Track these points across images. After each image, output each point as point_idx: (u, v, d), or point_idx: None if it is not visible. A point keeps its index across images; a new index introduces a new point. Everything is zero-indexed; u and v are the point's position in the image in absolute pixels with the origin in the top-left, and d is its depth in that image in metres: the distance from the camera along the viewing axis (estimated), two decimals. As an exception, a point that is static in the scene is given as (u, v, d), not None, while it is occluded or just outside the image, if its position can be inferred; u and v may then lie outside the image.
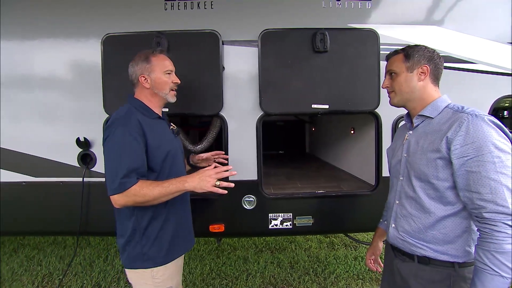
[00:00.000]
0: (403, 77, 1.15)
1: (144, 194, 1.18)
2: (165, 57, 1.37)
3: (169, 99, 1.38)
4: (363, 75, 1.84)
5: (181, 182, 1.21)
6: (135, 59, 1.34)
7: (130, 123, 1.22)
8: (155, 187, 1.20)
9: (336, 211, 1.96)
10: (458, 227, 1.03)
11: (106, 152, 1.24)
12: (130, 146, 1.20)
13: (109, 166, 1.21)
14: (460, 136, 0.97)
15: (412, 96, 1.15)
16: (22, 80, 1.89)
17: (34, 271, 2.97)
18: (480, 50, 1.88)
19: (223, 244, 3.48)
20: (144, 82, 1.32)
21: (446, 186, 1.02)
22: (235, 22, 1.84)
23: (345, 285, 2.64)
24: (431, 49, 1.16)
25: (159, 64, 1.33)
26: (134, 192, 1.17)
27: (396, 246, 1.18)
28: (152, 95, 1.35)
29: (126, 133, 1.20)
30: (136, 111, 1.29)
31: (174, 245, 1.36)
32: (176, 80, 1.38)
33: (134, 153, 1.21)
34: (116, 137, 1.21)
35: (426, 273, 1.08)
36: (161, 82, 1.33)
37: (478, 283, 0.91)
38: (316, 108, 1.82)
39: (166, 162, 1.32)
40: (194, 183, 1.21)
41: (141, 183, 1.19)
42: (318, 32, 1.78)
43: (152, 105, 1.36)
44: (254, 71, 1.83)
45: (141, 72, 1.31)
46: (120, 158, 1.19)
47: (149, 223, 1.29)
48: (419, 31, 1.88)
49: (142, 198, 1.18)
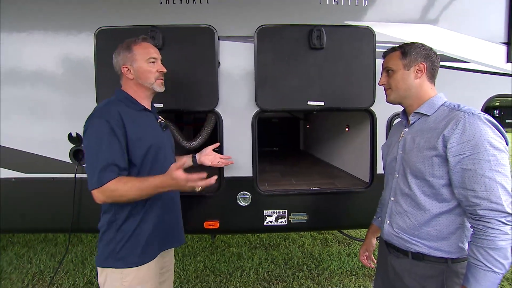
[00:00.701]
0: (400, 74, 1.15)
1: (122, 190, 1.13)
2: (148, 44, 1.30)
3: (156, 89, 1.31)
4: (358, 73, 1.84)
5: (163, 180, 1.14)
6: (117, 49, 1.28)
7: (108, 114, 1.17)
8: (134, 184, 1.14)
9: (330, 207, 1.97)
10: (452, 224, 1.05)
11: (85, 145, 1.19)
12: (108, 138, 1.15)
13: (89, 160, 1.17)
14: (457, 134, 0.98)
15: (408, 93, 1.16)
16: (12, 75, 1.83)
17: (24, 269, 2.92)
18: (473, 49, 1.91)
19: (217, 240, 3.48)
20: (127, 72, 1.27)
21: (442, 183, 1.04)
22: (231, 18, 1.82)
23: (339, 281, 2.67)
24: (428, 47, 1.17)
25: (141, 53, 1.26)
26: (112, 187, 1.12)
27: (391, 242, 1.20)
28: (137, 86, 1.29)
29: (103, 124, 1.15)
30: (119, 103, 1.25)
31: (150, 247, 1.28)
32: (161, 68, 1.31)
33: (112, 146, 1.15)
34: (94, 129, 1.16)
35: (419, 269, 1.10)
36: (144, 71, 1.27)
37: (472, 279, 0.93)
38: (311, 105, 1.82)
39: (148, 156, 1.25)
40: (169, 185, 1.14)
41: (119, 179, 1.14)
42: (314, 28, 1.78)
43: (138, 96, 1.30)
44: (250, 67, 1.81)
45: (123, 62, 1.26)
46: (98, 152, 1.14)
47: (126, 219, 1.23)
48: (413, 30, 1.90)
49: (119, 195, 1.14)
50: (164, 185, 1.15)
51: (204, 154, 1.71)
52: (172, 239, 1.41)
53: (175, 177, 1.11)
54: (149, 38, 1.31)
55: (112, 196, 1.14)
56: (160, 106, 1.76)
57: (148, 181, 1.16)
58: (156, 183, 1.15)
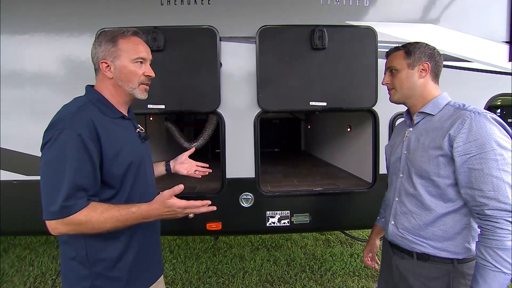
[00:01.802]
0: (404, 73, 1.15)
1: (96, 222, 0.92)
2: (139, 40, 1.07)
3: (136, 95, 1.08)
4: (361, 73, 1.84)
5: (152, 209, 0.97)
6: (99, 38, 1.05)
7: (79, 125, 0.93)
8: (112, 214, 0.93)
9: (333, 208, 1.97)
10: (458, 224, 1.04)
11: (44, 162, 0.94)
12: (78, 157, 0.91)
13: (48, 182, 0.93)
14: (463, 133, 0.97)
15: (412, 93, 1.15)
16: (12, 76, 1.83)
17: (26, 272, 2.91)
18: (475, 49, 1.90)
19: (219, 242, 3.47)
20: (106, 69, 1.03)
21: (448, 183, 1.03)
22: (232, 18, 1.81)
23: (342, 282, 2.66)
24: (432, 46, 1.16)
25: (129, 49, 1.03)
26: (82, 219, 0.91)
27: (395, 243, 1.19)
28: (114, 88, 1.05)
29: (72, 138, 0.91)
30: (92, 107, 1.01)
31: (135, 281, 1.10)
32: (149, 72, 1.08)
33: (82, 166, 0.92)
34: (60, 144, 0.91)
35: (425, 270, 1.09)
36: (128, 72, 1.03)
37: (480, 280, 0.92)
38: (314, 106, 1.82)
39: (128, 176, 1.04)
40: (159, 214, 0.98)
41: (92, 207, 0.92)
42: (316, 29, 1.77)
43: (115, 100, 1.06)
44: (251, 68, 1.81)
45: (103, 56, 1.02)
46: (63, 172, 0.90)
47: (102, 248, 1.02)
48: (415, 29, 1.89)
49: (91, 227, 0.92)
50: (152, 215, 0.97)
51: (179, 162, 1.45)
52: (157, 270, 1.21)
53: (170, 205, 0.96)
54: (141, 33, 1.09)
55: (78, 230, 0.93)
56: (162, 107, 1.76)
57: (130, 210, 0.95)
58: (142, 213, 0.96)
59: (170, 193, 0.96)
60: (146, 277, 1.14)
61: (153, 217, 0.99)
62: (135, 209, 0.96)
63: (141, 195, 1.08)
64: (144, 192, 1.10)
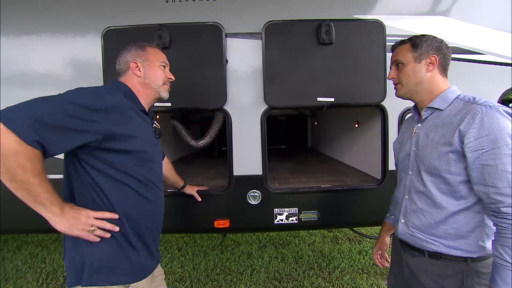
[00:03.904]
0: (411, 67, 1.11)
1: (31, 172, 0.84)
2: (160, 51, 1.26)
3: (161, 94, 1.22)
4: (369, 67, 1.80)
5: (54, 208, 0.92)
6: (128, 47, 1.20)
7: (107, 95, 0.98)
8: (41, 182, 0.87)
9: (342, 205, 1.95)
10: (471, 222, 1.01)
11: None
12: (81, 114, 0.90)
13: (26, 103, 0.86)
14: (474, 128, 0.94)
15: (419, 87, 1.12)
16: (20, 76, 1.85)
17: (38, 269, 2.97)
18: (487, 41, 1.84)
19: (227, 239, 3.48)
20: (135, 69, 1.16)
21: (459, 180, 1.00)
22: (238, 14, 1.80)
23: (350, 280, 2.64)
24: (439, 39, 1.12)
25: (155, 54, 1.21)
26: (29, 155, 0.83)
27: (406, 241, 1.16)
28: (142, 86, 1.18)
29: (96, 97, 0.95)
30: (119, 93, 1.08)
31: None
32: (170, 75, 1.26)
33: (75, 123, 0.89)
34: (79, 93, 0.95)
35: (437, 268, 1.06)
36: (155, 73, 1.19)
37: (499, 280, 0.89)
38: (321, 101, 1.79)
39: (138, 162, 1.08)
40: (63, 220, 0.94)
41: (40, 157, 0.85)
42: (323, 23, 1.75)
43: (140, 97, 1.17)
44: (258, 64, 1.79)
45: (134, 58, 1.17)
46: (52, 106, 0.87)
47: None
48: (425, 22, 1.85)
49: (21, 175, 0.84)
50: (57, 213, 0.92)
51: (191, 188, 1.76)
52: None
53: (84, 212, 0.97)
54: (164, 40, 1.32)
55: (11, 167, 0.82)
56: (169, 105, 1.76)
57: (51, 195, 0.90)
58: (55, 204, 0.91)
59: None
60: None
61: (58, 216, 0.93)
62: (53, 198, 0.91)
63: (150, 182, 1.13)
64: (154, 181, 1.15)
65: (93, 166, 1.00)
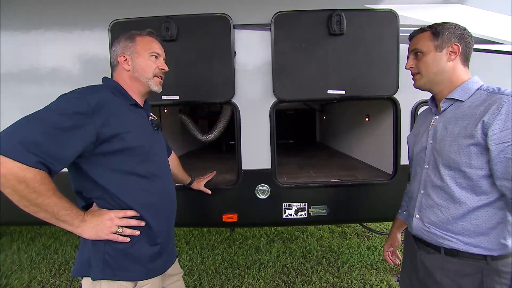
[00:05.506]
0: (431, 56, 1.06)
1: (43, 195, 0.86)
2: (153, 39, 1.17)
3: (151, 87, 1.15)
4: (381, 59, 1.74)
5: (76, 221, 0.94)
6: (119, 38, 1.15)
7: (91, 96, 0.96)
8: (57, 200, 0.89)
9: (352, 200, 1.91)
10: (492, 218, 0.96)
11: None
12: (75, 122, 0.89)
13: (12, 128, 0.85)
14: (500, 120, 0.89)
15: (440, 78, 1.07)
16: (29, 72, 1.85)
17: (51, 259, 3.04)
18: (508, 30, 1.76)
19: (235, 233, 3.48)
20: (124, 63, 1.12)
21: (481, 174, 0.95)
22: (246, 5, 1.75)
23: (359, 275, 2.61)
24: (462, 26, 1.07)
25: (145, 45, 1.13)
26: (37, 178, 0.84)
27: (421, 237, 1.12)
28: (131, 79, 1.13)
29: (81, 103, 0.92)
30: (106, 91, 1.06)
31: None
32: (162, 66, 1.17)
33: (71, 135, 0.88)
34: (65, 100, 0.93)
35: (454, 266, 1.02)
36: (144, 65, 1.12)
37: None
38: (331, 94, 1.75)
39: (133, 156, 1.05)
40: (88, 229, 0.97)
41: (45, 176, 0.86)
42: (334, 13, 1.69)
43: (131, 91, 1.14)
44: (267, 56, 1.75)
45: (122, 51, 1.12)
46: (45, 122, 0.86)
47: None
48: (441, 11, 1.77)
49: (36, 197, 0.85)
50: (82, 222, 0.96)
51: (198, 182, 1.73)
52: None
53: (106, 212, 1.00)
54: (156, 34, 1.21)
55: (24, 193, 0.84)
56: (176, 98, 1.74)
57: (68, 205, 0.92)
58: (75, 214, 0.94)
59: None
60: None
61: (82, 226, 0.96)
62: (73, 208, 0.93)
63: (154, 176, 1.12)
64: (159, 174, 1.14)
65: (96, 172, 1.00)
